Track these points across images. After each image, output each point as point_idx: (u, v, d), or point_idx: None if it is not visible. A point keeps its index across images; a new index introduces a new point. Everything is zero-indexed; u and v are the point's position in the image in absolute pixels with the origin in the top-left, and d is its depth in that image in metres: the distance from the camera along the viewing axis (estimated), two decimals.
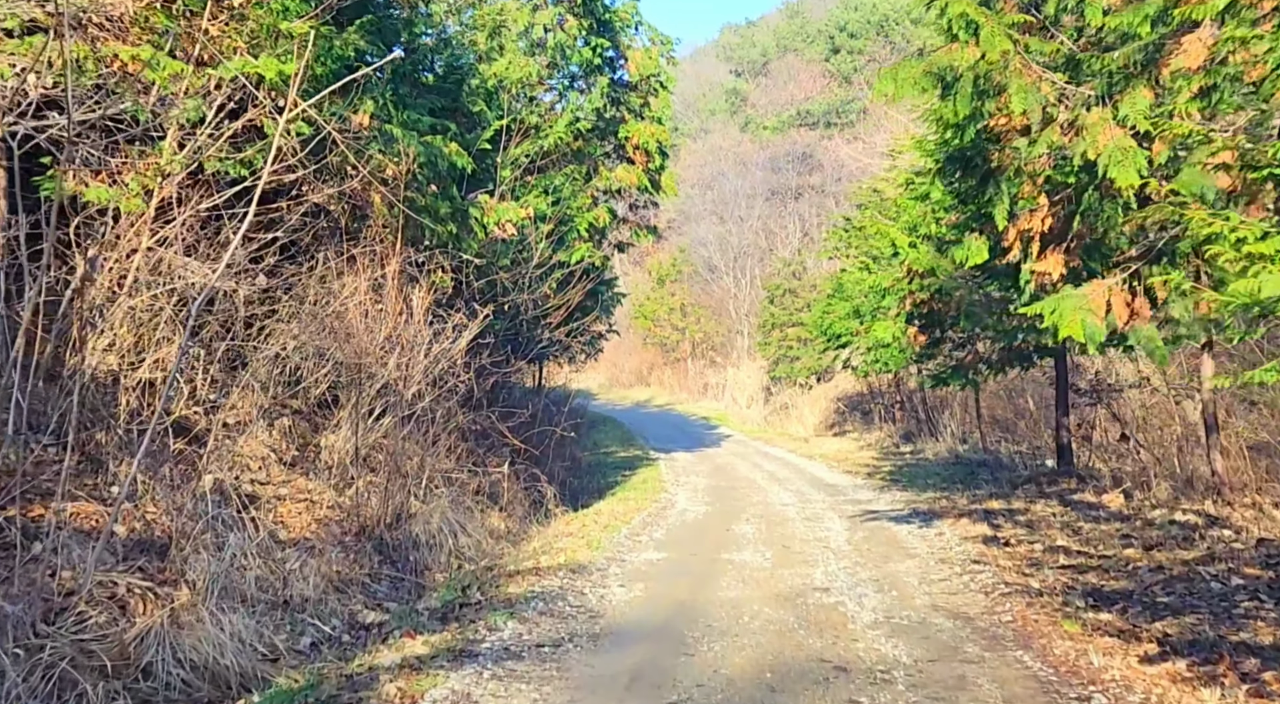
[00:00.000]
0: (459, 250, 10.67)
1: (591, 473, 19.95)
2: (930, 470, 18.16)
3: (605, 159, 19.56)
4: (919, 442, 22.67)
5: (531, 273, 12.98)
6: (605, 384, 53.22)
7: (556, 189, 14.76)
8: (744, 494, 15.73)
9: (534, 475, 14.16)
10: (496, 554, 10.63)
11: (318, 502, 9.47)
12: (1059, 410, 14.27)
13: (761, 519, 12.52)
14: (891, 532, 11.10)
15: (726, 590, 7.93)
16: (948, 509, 12.43)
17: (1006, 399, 22.28)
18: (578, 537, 10.94)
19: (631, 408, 43.25)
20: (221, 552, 6.61)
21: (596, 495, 17.07)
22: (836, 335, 23.94)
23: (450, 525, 10.58)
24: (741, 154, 57.15)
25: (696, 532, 11.70)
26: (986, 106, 6.33)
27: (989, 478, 16.05)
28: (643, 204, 20.15)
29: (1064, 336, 6.28)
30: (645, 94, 19.67)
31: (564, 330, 13.39)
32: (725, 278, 49.32)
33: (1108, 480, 13.61)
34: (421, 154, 10.00)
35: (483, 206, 10.89)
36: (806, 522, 12.13)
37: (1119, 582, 7.45)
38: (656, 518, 12.95)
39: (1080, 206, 6.61)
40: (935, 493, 14.48)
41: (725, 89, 68.87)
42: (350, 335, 9.17)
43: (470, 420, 12.39)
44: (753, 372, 40.02)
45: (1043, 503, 12.43)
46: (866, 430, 26.77)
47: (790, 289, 36.11)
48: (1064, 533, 9.92)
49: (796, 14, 71.69)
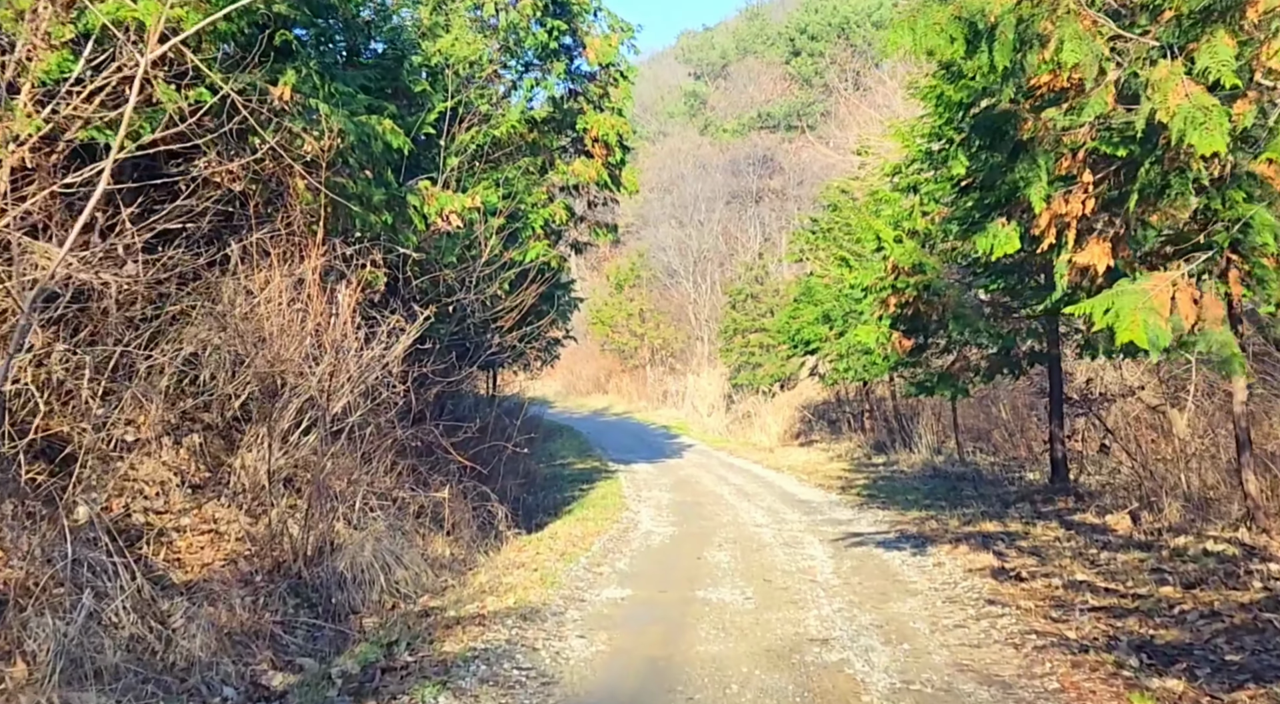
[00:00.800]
0: (395, 243, 9.35)
1: (548, 487, 18.66)
2: (908, 485, 17.06)
3: (563, 153, 18.30)
4: (892, 452, 21.59)
5: (480, 272, 11.68)
6: (562, 392, 51.88)
7: (509, 182, 13.48)
8: (712, 512, 14.51)
9: (483, 494, 12.86)
10: (437, 590, 9.32)
11: (226, 533, 8.12)
12: (1053, 422, 13.20)
13: (735, 544, 11.30)
14: (882, 560, 9.92)
15: (706, 643, 6.68)
16: (939, 533, 11.28)
17: (979, 407, 21.26)
18: (530, 568, 9.65)
19: (589, 416, 41.96)
20: (75, 610, 5.26)
21: (553, 514, 15.79)
22: (805, 341, 22.83)
23: (384, 557, 9.25)
24: (701, 157, 56.08)
25: (664, 560, 10.46)
26: (1029, 59, 5.18)
27: (974, 494, 14.95)
28: (602, 201, 18.91)
29: (1123, 342, 5.13)
30: (605, 84, 18.45)
31: (516, 335, 12.11)
32: (685, 283, 48.19)
33: (1108, 499, 12.55)
34: (351, 132, 8.69)
35: (423, 195, 9.59)
36: (785, 547, 10.93)
37: (1170, 631, 6.30)
38: (619, 542, 11.69)
39: (1137, 184, 5.47)
40: (920, 512, 13.34)
41: (684, 91, 67.82)
42: (263, 339, 7.83)
43: (411, 435, 11.06)
44: (713, 379, 38.92)
45: (1042, 525, 11.32)
46: (835, 440, 25.68)
47: (752, 294, 35.05)
48: (1080, 564, 8.79)
49: (756, 16, 70.85)
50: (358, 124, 8.78)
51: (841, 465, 21.35)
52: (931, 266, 12.32)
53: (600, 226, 18.88)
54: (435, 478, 12.21)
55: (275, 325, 7.93)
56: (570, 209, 17.97)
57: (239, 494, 8.79)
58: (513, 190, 13.96)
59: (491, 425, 14.36)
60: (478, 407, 17.54)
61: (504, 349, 12.65)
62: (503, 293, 12.63)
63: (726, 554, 10.61)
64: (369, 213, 9.01)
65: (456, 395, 15.57)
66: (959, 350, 13.61)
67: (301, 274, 8.07)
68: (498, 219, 12.08)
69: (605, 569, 9.77)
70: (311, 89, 8.81)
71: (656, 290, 49.22)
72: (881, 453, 22.14)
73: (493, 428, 14.27)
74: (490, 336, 12.20)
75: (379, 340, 9.26)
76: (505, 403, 17.07)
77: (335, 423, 9.52)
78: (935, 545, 10.53)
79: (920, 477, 18.13)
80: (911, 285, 12.26)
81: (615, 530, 12.68)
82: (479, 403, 17.44)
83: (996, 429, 20.96)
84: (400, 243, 9.32)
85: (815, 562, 9.96)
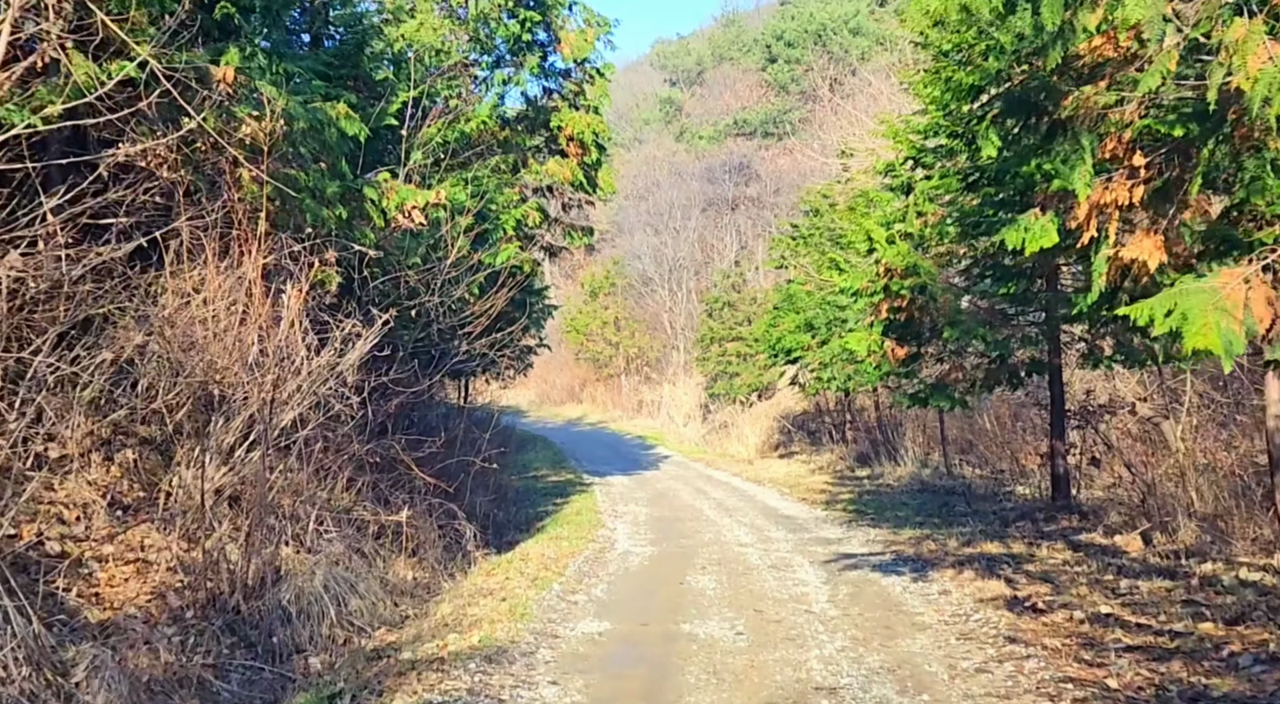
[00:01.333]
0: (351, 241, 8.52)
1: (520, 501, 17.81)
2: (896, 500, 16.32)
3: (536, 153, 17.51)
4: (876, 465, 20.85)
5: (447, 274, 10.85)
6: (536, 401, 50.97)
7: (478, 180, 12.66)
8: (692, 529, 13.71)
9: (450, 512, 12.02)
10: (396, 621, 8.47)
11: (155, 562, 7.24)
12: (1054, 436, 12.48)
13: (719, 567, 10.51)
14: (881, 587, 9.15)
15: (697, 692, 5.87)
16: (939, 555, 10.53)
17: (963, 418, 20.55)
18: (499, 597, 8.81)
19: (563, 426, 41.08)
20: None
21: (525, 530, 14.96)
22: (787, 350, 22.09)
23: (337, 584, 8.39)
24: (677, 164, 55.39)
25: (644, 585, 9.65)
26: (1080, 18, 4.44)
27: (968, 511, 14.23)
28: (577, 203, 18.11)
29: (1191, 348, 4.38)
30: (580, 82, 17.68)
31: (486, 342, 11.28)
32: (660, 291, 47.39)
33: (1114, 517, 11.85)
34: (301, 118, 7.86)
35: (381, 188, 8.75)
36: (774, 571, 10.14)
37: (1224, 680, 5.54)
38: (595, 564, 10.87)
39: (1199, 167, 4.74)
40: (913, 530, 12.60)
41: (660, 98, 67.12)
42: (194, 345, 6.98)
43: (371, 449, 10.22)
44: (690, 388, 38.15)
45: (1047, 546, 10.60)
46: (815, 452, 24.92)
47: (729, 302, 34.31)
48: (1099, 593, 8.05)
49: (732, 23, 70.30)
50: (309, 109, 7.94)
51: (824, 478, 20.61)
52: (926, 269, 11.59)
53: (575, 229, 18.07)
54: (398, 495, 11.37)
55: (211, 329, 7.07)
56: (544, 211, 17.18)
57: (175, 517, 7.92)
58: (482, 189, 13.15)
59: (460, 437, 13.53)
60: (447, 418, 16.68)
61: (473, 357, 11.82)
62: (471, 297, 11.80)
63: (711, 578, 9.81)
64: (321, 207, 8.18)
65: (423, 406, 14.71)
66: (954, 359, 12.88)
67: (243, 273, 7.21)
68: (465, 218, 11.25)
69: (580, 597, 8.95)
70: (258, 71, 7.98)
71: (632, 298, 48.41)
72: (865, 465, 21.40)
73: (462, 440, 13.44)
74: (458, 343, 11.37)
75: (332, 347, 8.42)
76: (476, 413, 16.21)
77: (284, 437, 8.68)
78: (936, 569, 9.77)
79: (908, 491, 17.41)
80: (905, 288, 11.52)
81: (591, 550, 11.86)
82: (449, 413, 16.57)
83: (982, 441, 20.29)
84: (356, 240, 8.49)
85: (808, 588, 9.17)
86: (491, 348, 11.76)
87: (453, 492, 12.52)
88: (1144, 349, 11.24)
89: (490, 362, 12.26)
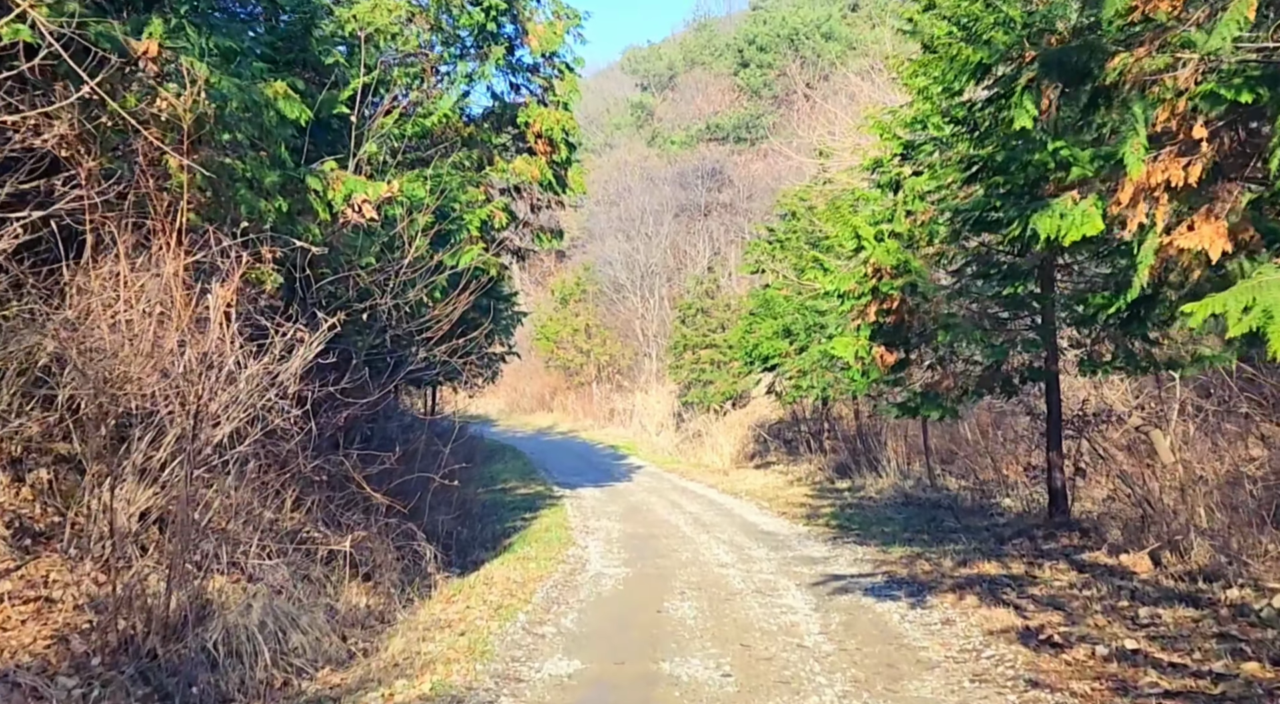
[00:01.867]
0: (293, 236, 7.66)
1: (486, 516, 16.95)
2: (881, 514, 15.60)
3: (503, 152, 16.67)
4: (856, 476, 20.12)
5: (405, 275, 10.01)
6: (505, 410, 50.05)
7: (439, 176, 11.83)
8: (669, 547, 12.91)
9: (408, 532, 11.17)
10: (342, 659, 7.62)
11: (60, 599, 6.36)
12: (1050, 448, 11.79)
13: (699, 591, 9.71)
14: (877, 614, 8.38)
15: None
16: (935, 577, 9.79)
17: (943, 427, 19.85)
18: (457, 629, 7.98)
19: (533, 435, 40.19)
20: None
21: (491, 548, 14.11)
22: (764, 357, 21.33)
23: (276, 618, 7.53)
24: (649, 169, 54.63)
25: (618, 614, 8.84)
26: None
27: (958, 526, 13.53)
28: (546, 203, 17.27)
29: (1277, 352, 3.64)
30: (549, 78, 16.87)
31: (446, 348, 10.43)
32: (632, 297, 46.61)
33: (1117, 534, 11.16)
34: (235, 98, 7.02)
35: (327, 178, 7.91)
36: (759, 596, 9.36)
37: None
38: (565, 589, 10.05)
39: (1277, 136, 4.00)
40: (903, 548, 11.86)
41: (631, 103, 66.37)
42: (96, 351, 6.11)
43: (318, 466, 9.36)
44: (662, 396, 37.38)
45: (1049, 567, 9.89)
46: (793, 462, 24.18)
47: (703, 308, 33.61)
48: (1119, 623, 7.32)
49: (704, 28, 69.73)
50: (243, 88, 7.10)
51: (803, 490, 19.86)
52: (917, 268, 10.88)
53: (544, 232, 17.24)
54: (352, 515, 10.53)
55: (125, 334, 6.20)
56: (511, 212, 16.34)
57: (89, 545, 7.04)
58: (443, 186, 12.32)
59: (422, 450, 12.68)
60: (409, 429, 15.81)
61: (433, 364, 10.97)
62: (431, 301, 10.96)
63: (691, 605, 9.02)
64: (259, 198, 7.33)
65: (381, 417, 13.86)
66: (945, 366, 12.16)
67: (163, 270, 6.35)
68: (424, 216, 10.41)
69: (548, 629, 8.12)
70: (188, 46, 7.13)
71: (603, 305, 47.59)
72: (845, 477, 20.68)
73: (423, 453, 12.59)
74: (416, 350, 10.52)
75: (271, 354, 7.56)
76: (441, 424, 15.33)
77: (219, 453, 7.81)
78: (934, 594, 9.02)
79: (892, 504, 16.70)
80: (895, 289, 10.80)
81: (560, 573, 11.04)
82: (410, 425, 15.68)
83: (964, 451, 19.63)
84: (299, 236, 7.63)
85: (798, 616, 8.39)
86: (453, 355, 10.90)
87: (412, 509, 11.69)
88: (1144, 355, 10.56)
89: (453, 370, 11.40)
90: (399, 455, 11.62)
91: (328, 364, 8.79)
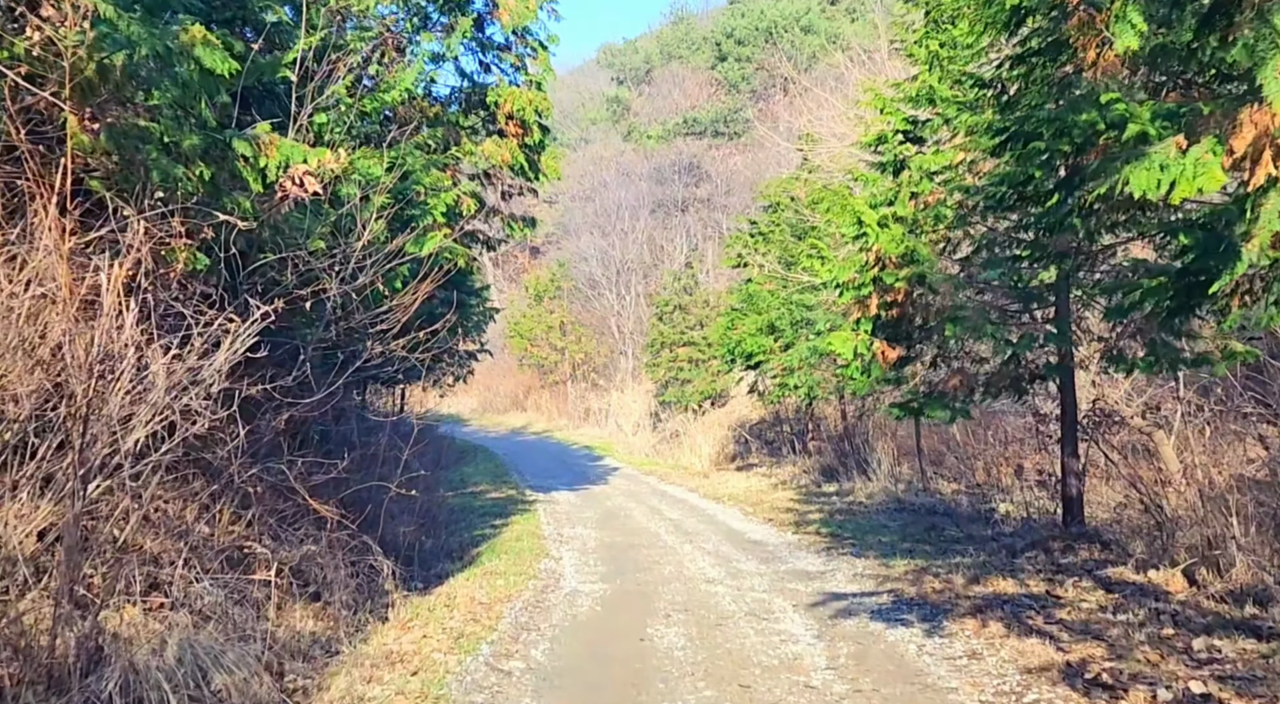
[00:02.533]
0: (217, 210, 6.57)
1: (454, 523, 15.89)
2: (874, 522, 14.64)
3: (472, 135, 15.58)
4: (844, 479, 19.16)
5: (358, 262, 8.94)
6: (478, 409, 48.89)
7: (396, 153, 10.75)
8: (650, 559, 11.90)
9: (363, 546, 10.11)
10: (273, 702, 6.55)
11: None
12: (1065, 451, 10.84)
13: (687, 614, 8.70)
14: (890, 644, 7.39)
15: None
16: (948, 597, 8.81)
17: (933, 427, 18.95)
18: (411, 665, 6.93)
19: (506, 435, 39.10)
20: None
21: (458, 558, 13.05)
22: (747, 354, 20.35)
23: (195, 656, 6.45)
24: (625, 164, 53.62)
25: (596, 643, 7.81)
26: None
27: (960, 535, 12.60)
28: (518, 190, 16.19)
29: None
30: (521, 56, 15.80)
31: (404, 342, 9.37)
32: (608, 294, 45.55)
33: (1139, 547, 10.23)
34: (145, 44, 5.93)
35: (259, 143, 6.82)
36: (754, 621, 8.35)
37: None
38: (535, 611, 9.01)
39: None
40: (905, 561, 10.90)
41: (606, 97, 65.28)
42: None
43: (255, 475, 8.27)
44: (639, 395, 36.39)
45: (1072, 584, 8.95)
46: (776, 464, 23.18)
47: (680, 305, 32.66)
48: (1173, 658, 6.36)
49: (681, 21, 68.73)
50: (154, 33, 6.01)
51: (788, 495, 18.87)
52: (925, 256, 9.93)
53: (515, 220, 16.14)
54: (301, 526, 9.44)
55: None
56: (480, 198, 15.26)
57: None
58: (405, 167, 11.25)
59: (383, 454, 11.61)
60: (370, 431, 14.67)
61: (390, 360, 9.88)
62: (390, 291, 9.89)
63: (678, 632, 8.00)
64: (176, 164, 6.24)
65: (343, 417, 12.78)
66: (949, 362, 11.20)
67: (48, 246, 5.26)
68: (379, 195, 9.34)
69: (516, 664, 7.08)
70: None
71: (578, 302, 46.51)
72: (832, 480, 19.72)
73: (384, 457, 11.53)
74: (371, 344, 9.44)
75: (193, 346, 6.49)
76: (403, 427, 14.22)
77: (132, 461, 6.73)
78: (951, 618, 8.04)
79: (884, 510, 15.74)
80: (900, 279, 9.84)
81: (531, 590, 10.00)
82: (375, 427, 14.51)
83: (952, 452, 18.74)
84: (225, 210, 6.54)
85: (800, 647, 7.38)
86: (413, 350, 9.83)
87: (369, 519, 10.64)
88: (1172, 351, 9.63)
89: (412, 367, 10.33)
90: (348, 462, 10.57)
91: (265, 358, 7.72)
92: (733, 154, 51.22)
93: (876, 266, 10.07)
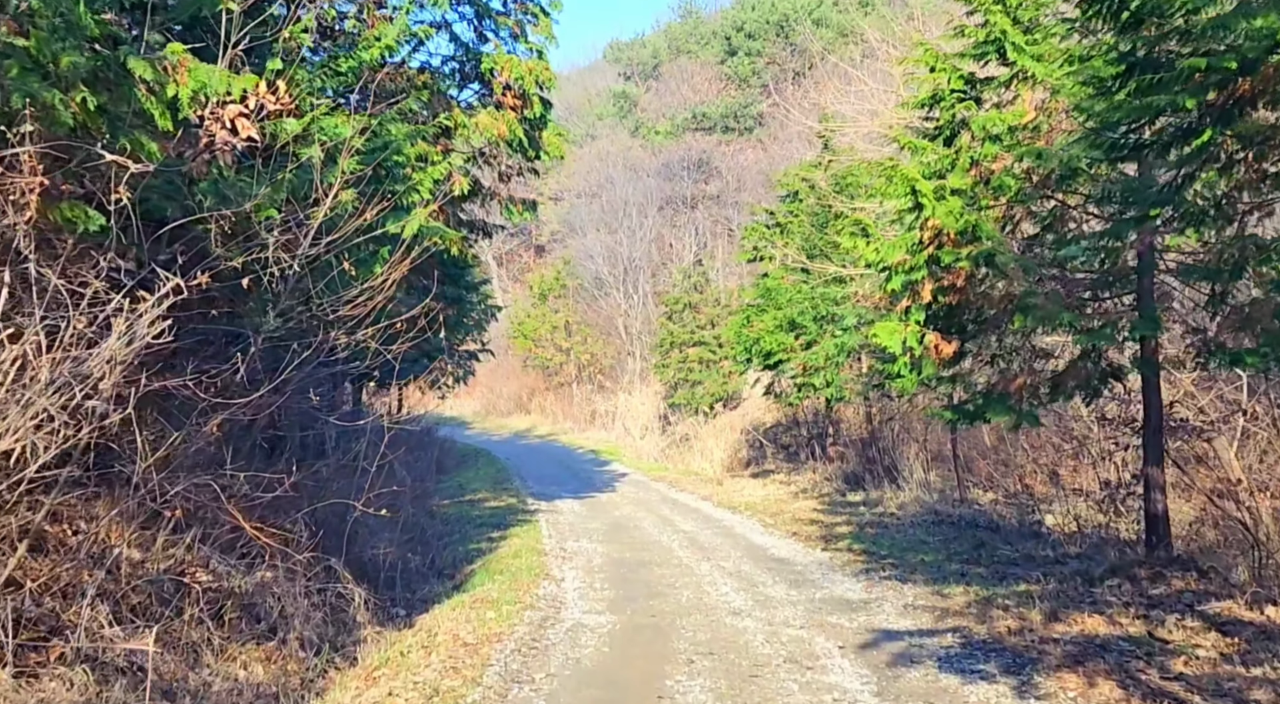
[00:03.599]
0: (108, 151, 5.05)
1: (448, 534, 14.44)
2: (911, 536, 13.10)
3: (468, 110, 14.09)
4: (871, 488, 17.61)
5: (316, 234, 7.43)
6: (481, 412, 47.37)
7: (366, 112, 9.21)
8: (664, 582, 10.40)
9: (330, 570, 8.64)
10: None
11: None
12: (1148, 462, 9.30)
13: (713, 659, 7.17)
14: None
15: None
16: (1028, 639, 7.28)
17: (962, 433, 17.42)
18: None
19: (509, 439, 37.58)
20: None
21: (449, 577, 11.59)
22: (765, 353, 18.80)
23: None
24: (632, 160, 52.08)
25: (604, 700, 6.29)
26: None
27: (1014, 553, 11.10)
28: (517, 170, 14.69)
29: None
30: (521, 21, 14.34)
31: (372, 331, 7.87)
32: (615, 293, 43.98)
33: (1240, 575, 8.70)
34: None
35: (166, 66, 5.31)
36: (796, 669, 6.83)
37: None
38: (530, 654, 7.50)
39: None
40: (960, 587, 9.39)
41: (614, 92, 63.69)
42: None
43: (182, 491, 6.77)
44: (647, 398, 34.82)
45: (1174, 622, 7.42)
46: (794, 470, 21.60)
47: (691, 304, 31.19)
48: None
49: (690, 15, 67.22)
50: None
51: (810, 504, 17.32)
52: (990, 233, 8.41)
53: (515, 203, 14.63)
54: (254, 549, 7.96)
55: None
56: (475, 179, 13.79)
57: None
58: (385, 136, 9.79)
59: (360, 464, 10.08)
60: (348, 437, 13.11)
61: (358, 354, 8.35)
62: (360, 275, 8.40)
63: (704, 686, 6.48)
64: (50, 88, 4.73)
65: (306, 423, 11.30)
66: (1010, 359, 9.67)
67: None
68: (347, 159, 7.84)
69: None
70: None
71: (584, 301, 44.97)
72: (857, 488, 18.16)
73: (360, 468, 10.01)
74: (333, 334, 7.93)
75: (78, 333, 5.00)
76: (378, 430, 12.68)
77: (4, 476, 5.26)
78: (1041, 670, 6.51)
79: (920, 523, 14.17)
80: (963, 259, 8.32)
81: (526, 625, 8.48)
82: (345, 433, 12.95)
83: (984, 458, 17.22)
84: (121, 151, 5.04)
85: None
86: (388, 341, 8.33)
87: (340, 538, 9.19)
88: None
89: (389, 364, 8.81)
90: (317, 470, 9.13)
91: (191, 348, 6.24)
92: (743, 149, 49.72)
93: (932, 244, 8.55)
